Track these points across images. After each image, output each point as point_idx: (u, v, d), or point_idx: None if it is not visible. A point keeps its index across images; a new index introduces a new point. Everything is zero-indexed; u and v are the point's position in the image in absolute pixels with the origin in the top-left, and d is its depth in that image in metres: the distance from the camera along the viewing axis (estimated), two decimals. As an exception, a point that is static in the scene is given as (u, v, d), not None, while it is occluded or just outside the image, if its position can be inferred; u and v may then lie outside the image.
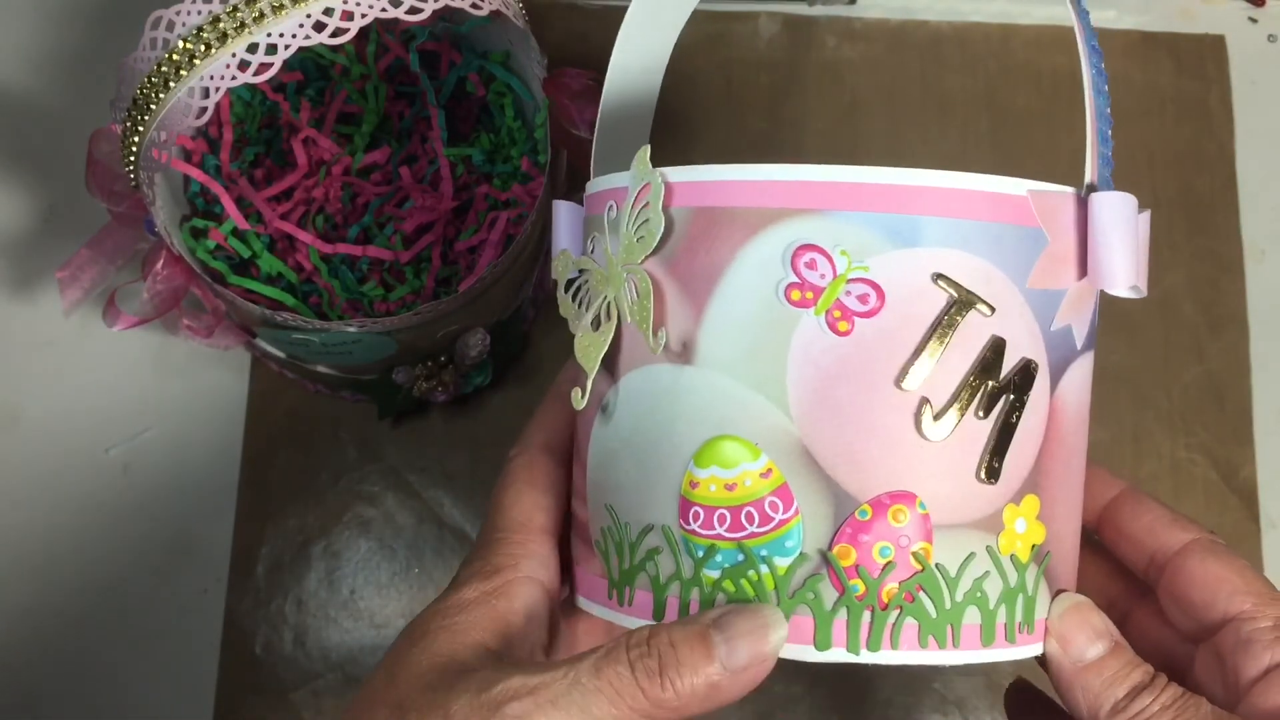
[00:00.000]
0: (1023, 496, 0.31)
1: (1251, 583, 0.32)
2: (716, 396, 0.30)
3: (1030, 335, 0.30)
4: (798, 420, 0.30)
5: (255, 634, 0.53)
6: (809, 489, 0.30)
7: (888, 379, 0.29)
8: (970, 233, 0.29)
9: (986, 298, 0.30)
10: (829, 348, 0.29)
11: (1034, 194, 0.30)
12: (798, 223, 0.29)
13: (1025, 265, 0.30)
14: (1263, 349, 0.57)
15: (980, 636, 0.30)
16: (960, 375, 0.30)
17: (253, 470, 0.55)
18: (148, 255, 0.47)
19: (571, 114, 0.49)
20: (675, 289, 0.31)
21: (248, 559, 0.54)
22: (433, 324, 0.48)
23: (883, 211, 0.29)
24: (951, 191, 0.29)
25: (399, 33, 0.54)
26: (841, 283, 0.29)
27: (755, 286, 0.30)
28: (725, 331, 0.30)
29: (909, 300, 0.29)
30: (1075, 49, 0.61)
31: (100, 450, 0.55)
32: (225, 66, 0.41)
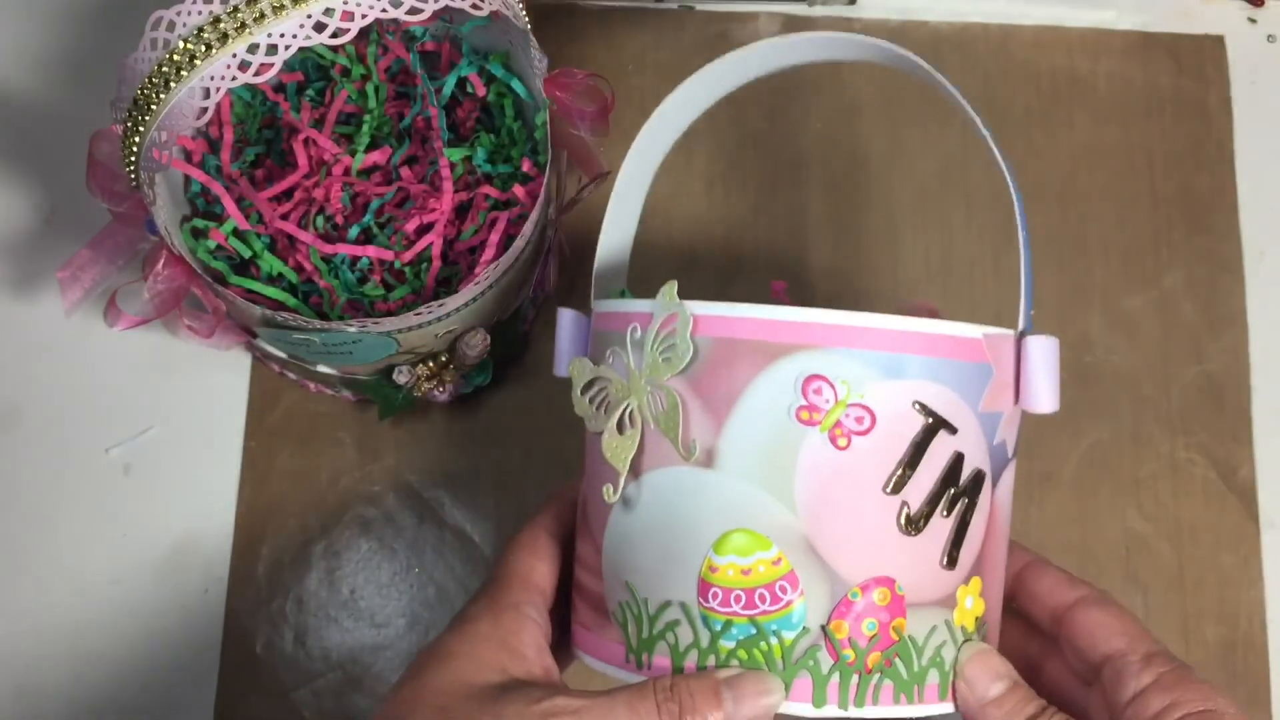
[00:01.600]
0: (970, 578, 0.37)
1: (1128, 626, 0.38)
2: (735, 496, 0.36)
3: (980, 449, 0.37)
4: (803, 518, 0.36)
5: (256, 633, 0.53)
6: (811, 574, 0.36)
7: (877, 486, 0.36)
8: (942, 368, 0.36)
9: (952, 420, 0.36)
10: (830, 460, 0.35)
11: (987, 337, 0.37)
12: (807, 356, 0.35)
13: (979, 393, 0.37)
14: (1262, 349, 0.58)
15: (938, 692, 0.37)
16: (931, 483, 0.36)
17: (253, 470, 0.55)
18: (148, 255, 0.47)
19: (572, 114, 0.49)
20: (698, 404, 0.36)
21: (248, 558, 0.54)
22: (433, 324, 0.48)
23: (876, 350, 0.36)
24: (930, 336, 0.36)
25: (399, 33, 0.54)
26: (842, 406, 0.35)
27: (770, 407, 0.36)
28: (743, 443, 0.36)
29: (895, 421, 0.36)
30: (1074, 49, 0.61)
31: (101, 450, 0.55)
32: (226, 67, 0.41)
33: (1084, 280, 0.58)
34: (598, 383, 0.39)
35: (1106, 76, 0.61)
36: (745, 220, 0.58)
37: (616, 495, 0.38)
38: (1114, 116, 0.60)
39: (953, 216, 0.59)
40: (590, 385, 0.39)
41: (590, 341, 0.41)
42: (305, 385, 0.55)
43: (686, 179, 0.59)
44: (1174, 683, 0.36)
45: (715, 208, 0.59)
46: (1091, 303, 0.58)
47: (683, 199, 0.58)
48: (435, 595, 0.54)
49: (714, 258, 0.58)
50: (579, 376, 0.40)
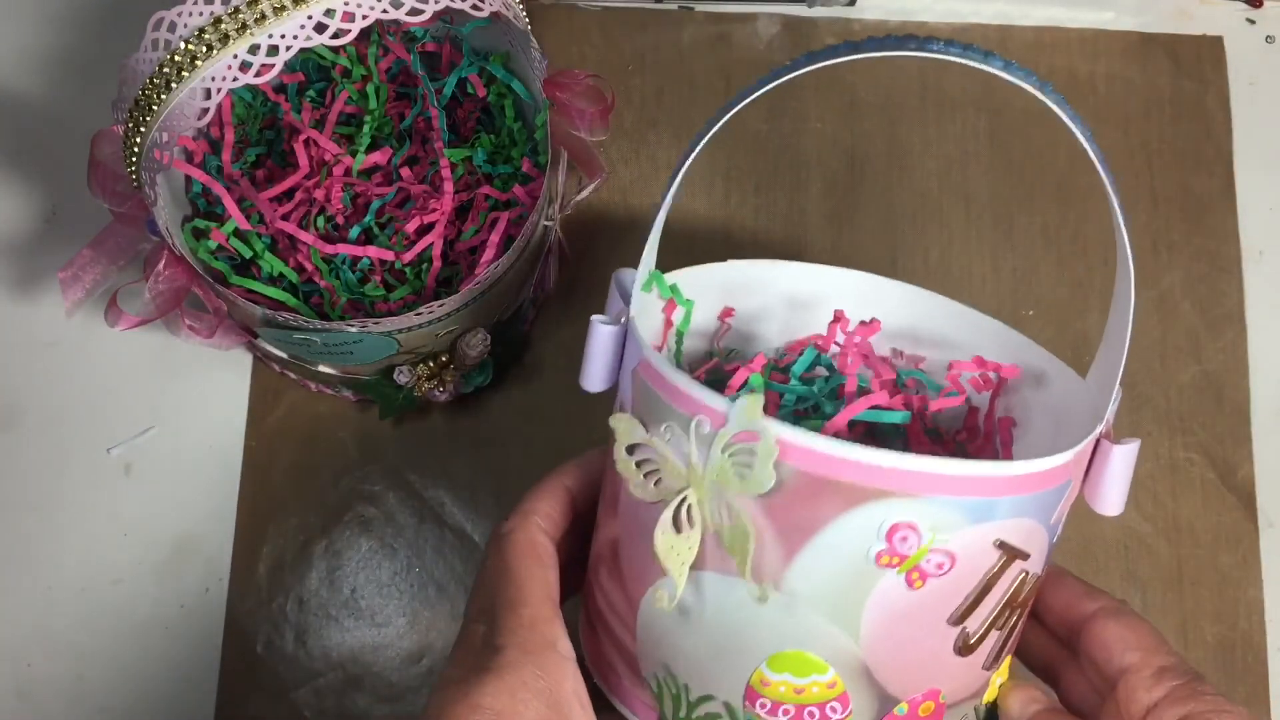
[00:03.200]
0: (1001, 664, 0.38)
1: (1143, 639, 0.38)
2: (798, 622, 0.35)
3: (1044, 556, 0.37)
4: (864, 647, 0.35)
5: (257, 633, 0.53)
6: (862, 694, 0.36)
7: (943, 619, 0.35)
8: (1029, 503, 0.35)
9: (1028, 548, 0.35)
10: (901, 599, 0.34)
11: (1076, 457, 0.36)
12: (895, 503, 0.33)
13: (1053, 509, 0.36)
14: (1261, 348, 0.58)
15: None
16: (995, 607, 0.36)
17: (254, 470, 0.55)
18: (149, 256, 0.47)
19: (572, 115, 0.50)
20: (770, 530, 0.34)
21: (249, 558, 0.54)
22: (433, 324, 0.48)
23: (966, 496, 0.34)
24: (1021, 478, 0.34)
25: (400, 34, 0.54)
26: (925, 551, 0.34)
27: (848, 547, 0.34)
28: (814, 576, 0.34)
29: (974, 560, 0.35)
30: (1074, 49, 0.61)
31: (101, 450, 0.55)
32: (227, 67, 0.41)
33: (1084, 280, 0.58)
34: (647, 450, 0.36)
35: (1106, 77, 0.61)
36: (745, 220, 0.58)
37: (673, 604, 0.36)
38: (1113, 117, 0.60)
39: (953, 217, 0.59)
40: (637, 448, 0.36)
41: (635, 389, 0.38)
42: (306, 385, 0.55)
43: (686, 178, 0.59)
44: (1186, 695, 0.36)
45: (715, 207, 0.59)
46: (1091, 303, 0.58)
47: (683, 198, 0.58)
48: (435, 595, 0.54)
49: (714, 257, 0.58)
50: (624, 434, 0.37)
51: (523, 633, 0.35)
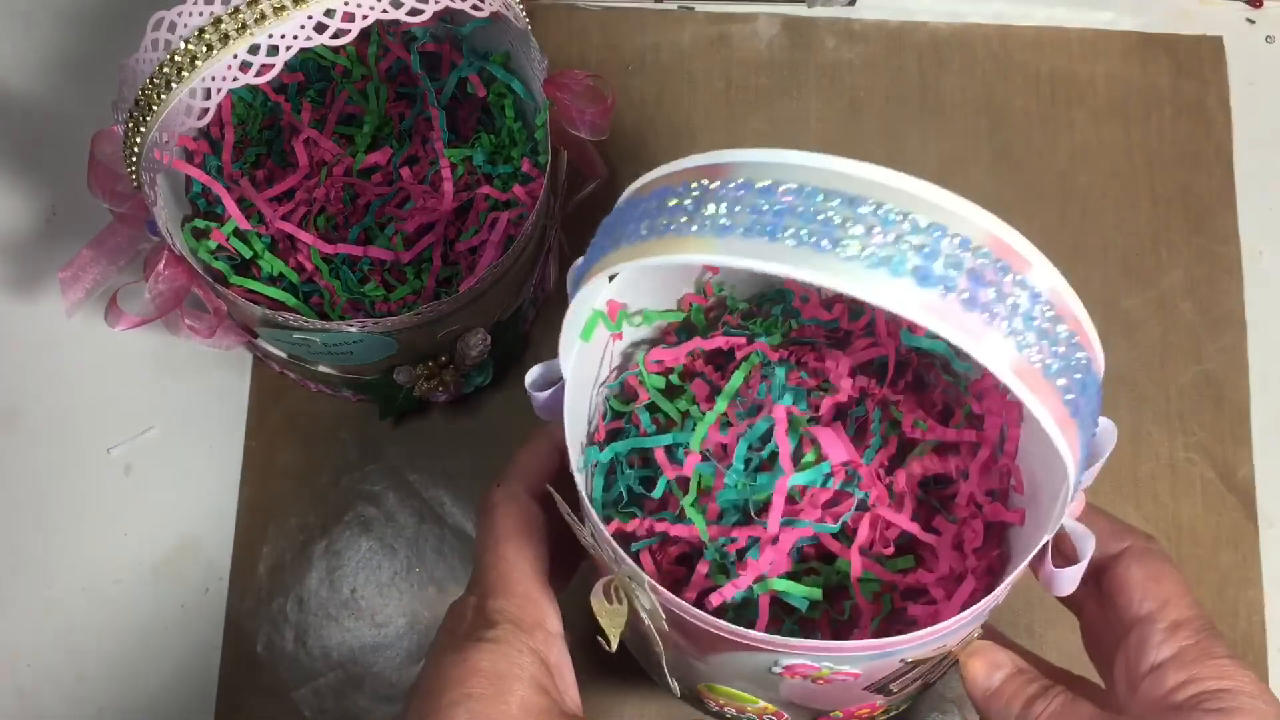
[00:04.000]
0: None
1: (1162, 588, 0.36)
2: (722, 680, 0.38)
3: (973, 628, 0.37)
4: (785, 701, 0.39)
5: (256, 633, 0.53)
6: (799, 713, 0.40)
7: (861, 688, 0.37)
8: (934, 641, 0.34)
9: (945, 647, 0.35)
10: (817, 689, 0.36)
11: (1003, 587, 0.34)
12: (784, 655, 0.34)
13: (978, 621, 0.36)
14: (1261, 349, 0.58)
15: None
16: (920, 675, 0.37)
17: (254, 470, 0.55)
18: (149, 256, 0.47)
19: (572, 115, 0.50)
20: (677, 634, 0.36)
21: (249, 558, 0.54)
22: (433, 324, 0.48)
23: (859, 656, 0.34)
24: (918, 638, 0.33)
25: (400, 34, 0.54)
26: (826, 673, 0.34)
27: (751, 668, 0.35)
28: (727, 670, 0.37)
29: (880, 670, 0.35)
30: (1073, 50, 0.61)
31: (101, 450, 0.55)
32: (227, 68, 0.41)
33: (1083, 280, 0.57)
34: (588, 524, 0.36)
35: (1106, 77, 0.61)
36: (745, 220, 0.58)
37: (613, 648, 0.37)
38: (1113, 117, 0.60)
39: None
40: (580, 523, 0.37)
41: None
42: (306, 385, 0.55)
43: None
44: (1193, 658, 0.34)
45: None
46: (1090, 303, 0.57)
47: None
48: (435, 595, 0.54)
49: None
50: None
51: (514, 611, 0.36)
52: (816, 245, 0.27)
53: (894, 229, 0.27)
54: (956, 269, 0.27)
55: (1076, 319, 0.30)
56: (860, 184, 0.28)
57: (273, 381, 0.56)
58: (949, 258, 0.27)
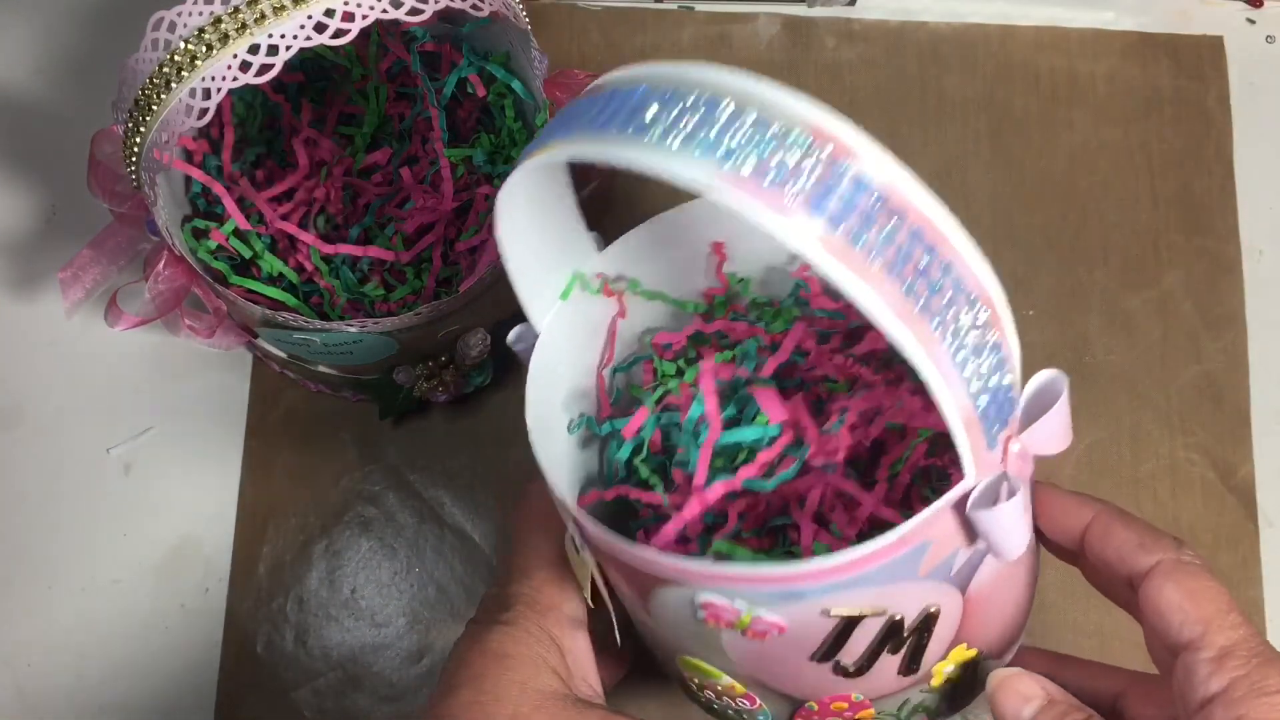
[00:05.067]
0: (949, 652, 0.36)
1: (1204, 608, 0.33)
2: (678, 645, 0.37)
3: (930, 592, 0.33)
4: (742, 672, 0.36)
5: (256, 633, 0.53)
6: (767, 695, 0.37)
7: (805, 657, 0.34)
8: (853, 582, 0.31)
9: (875, 610, 0.32)
10: (752, 644, 0.34)
11: (913, 532, 0.30)
12: (699, 589, 0.32)
13: (913, 568, 0.32)
14: (1261, 348, 0.58)
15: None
16: (865, 648, 0.34)
17: (254, 470, 0.55)
18: (149, 256, 0.47)
19: (572, 115, 0.49)
20: (618, 574, 0.35)
21: (249, 558, 0.54)
22: (433, 324, 0.48)
23: (771, 587, 0.31)
24: (827, 570, 0.31)
25: (400, 34, 0.54)
26: (747, 620, 0.32)
27: (679, 610, 0.34)
28: (668, 621, 0.35)
29: (806, 626, 0.33)
30: (1074, 49, 0.61)
31: (101, 450, 0.55)
32: (226, 67, 0.41)
33: (1083, 280, 0.58)
34: None
35: (1106, 77, 0.61)
36: (745, 220, 0.58)
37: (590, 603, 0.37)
38: (1113, 117, 0.60)
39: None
40: None
41: None
42: (306, 385, 0.55)
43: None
44: (1243, 694, 0.31)
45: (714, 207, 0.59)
46: (1091, 303, 0.58)
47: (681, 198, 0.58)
48: (435, 595, 0.54)
49: (714, 258, 0.58)
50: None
51: (530, 595, 0.37)
52: (636, 134, 0.27)
53: (712, 117, 0.27)
54: (769, 153, 0.26)
55: (928, 221, 0.28)
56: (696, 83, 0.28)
57: (273, 381, 0.56)
58: (764, 142, 0.27)
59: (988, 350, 0.29)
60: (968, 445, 0.29)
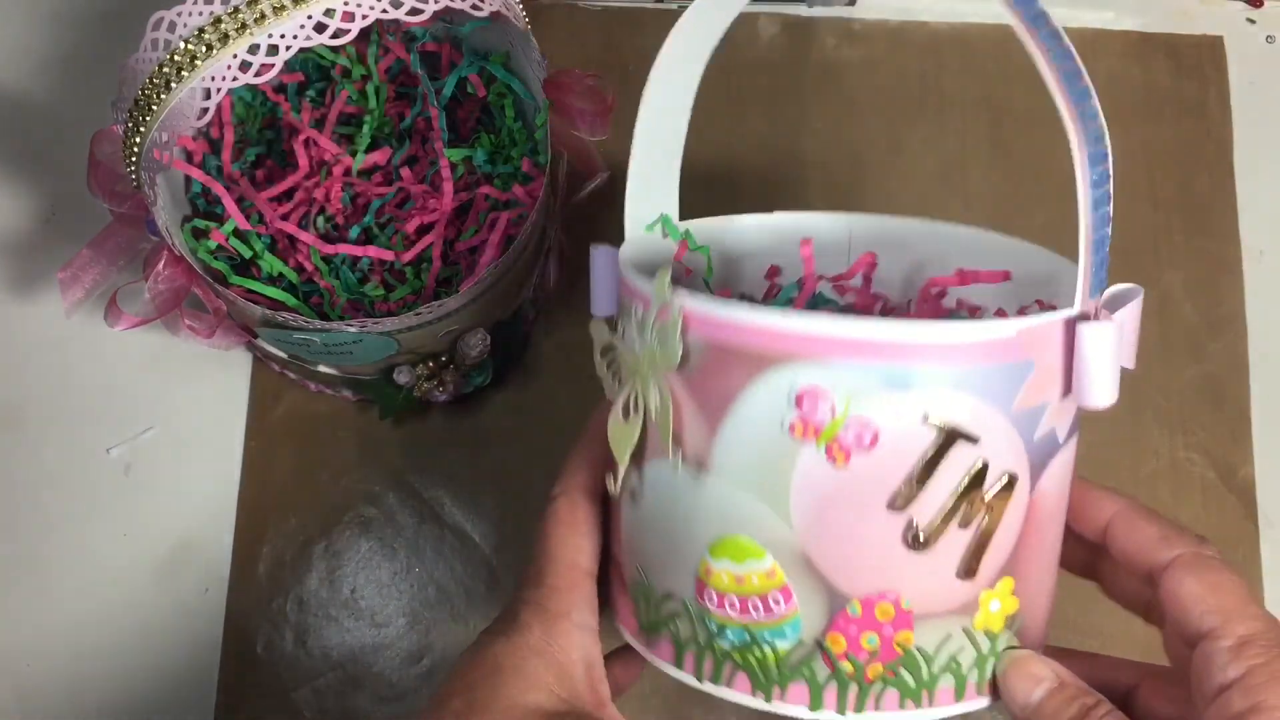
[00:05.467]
0: (998, 580, 0.34)
1: (1225, 599, 0.33)
2: (729, 503, 0.34)
3: (1013, 450, 0.33)
4: (799, 532, 0.33)
5: (256, 633, 0.53)
6: (807, 587, 0.34)
7: (879, 504, 0.33)
8: (960, 376, 0.32)
9: (972, 431, 0.32)
10: (827, 477, 0.32)
11: (1023, 332, 0.32)
12: (802, 367, 0.32)
13: (1011, 392, 0.32)
14: (1261, 349, 0.58)
15: (954, 695, 0.35)
16: (944, 497, 0.33)
17: (254, 470, 0.55)
18: (149, 256, 0.47)
19: (572, 115, 0.50)
20: (692, 406, 0.34)
21: (249, 558, 0.54)
22: (433, 324, 0.48)
23: (879, 361, 0.31)
24: (943, 346, 0.32)
25: (400, 34, 0.54)
26: (840, 422, 0.32)
27: (763, 418, 0.33)
28: (737, 451, 0.33)
29: (901, 438, 0.32)
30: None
31: (101, 450, 0.55)
32: (226, 67, 0.41)
33: (1083, 280, 0.58)
34: (612, 351, 0.37)
35: (1106, 77, 0.61)
36: (745, 220, 0.58)
37: (616, 488, 0.37)
38: (1114, 117, 0.60)
39: (953, 217, 0.59)
40: (608, 350, 0.37)
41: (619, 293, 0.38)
42: (306, 385, 0.55)
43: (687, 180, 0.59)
44: (1262, 681, 0.32)
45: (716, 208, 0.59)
46: (1091, 303, 0.58)
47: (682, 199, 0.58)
48: (435, 595, 0.54)
49: (714, 258, 0.58)
50: (597, 339, 0.37)
51: (539, 603, 0.37)
52: None
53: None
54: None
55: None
56: None
57: (273, 381, 0.56)
58: None
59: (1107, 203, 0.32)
60: (1087, 264, 0.32)
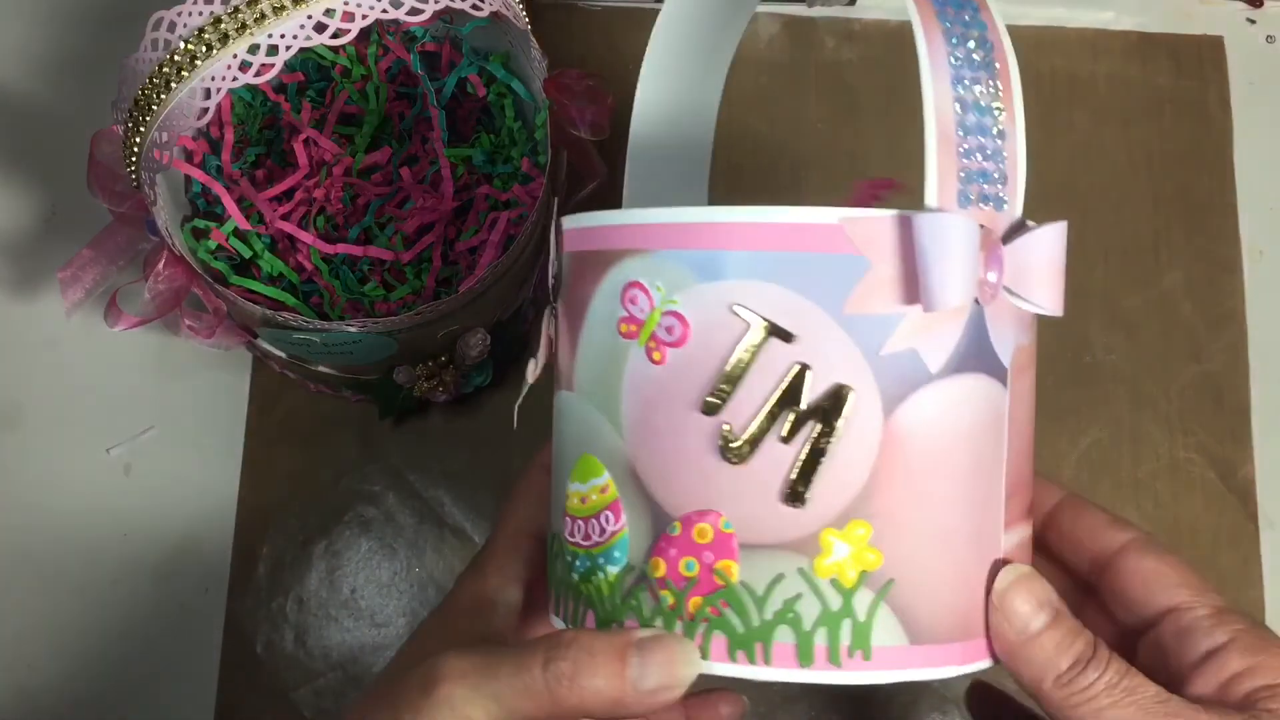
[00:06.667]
0: (846, 522, 0.30)
1: (1187, 576, 0.33)
2: (582, 419, 0.34)
3: (848, 361, 0.30)
4: (628, 441, 0.32)
5: (256, 633, 0.53)
6: (635, 505, 0.32)
7: (693, 406, 0.31)
8: (772, 264, 0.30)
9: (787, 326, 0.30)
10: (648, 377, 0.32)
11: (849, 222, 0.30)
12: (630, 262, 0.32)
13: (840, 292, 0.30)
14: (1261, 349, 0.58)
15: (796, 656, 0.31)
16: (759, 402, 0.31)
17: (254, 470, 0.55)
18: (149, 256, 0.47)
19: (572, 115, 0.50)
20: (565, 324, 0.35)
21: (248, 558, 0.54)
22: (433, 324, 0.48)
23: (691, 248, 0.31)
24: (754, 226, 0.30)
25: (400, 34, 0.54)
26: (657, 315, 0.31)
27: (603, 321, 0.33)
28: (586, 362, 0.34)
29: (709, 330, 0.31)
30: (1074, 50, 0.61)
31: (101, 450, 0.55)
32: (226, 67, 0.41)
33: (1083, 280, 0.58)
34: None
35: (1106, 77, 0.61)
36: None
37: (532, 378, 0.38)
38: (1114, 117, 0.60)
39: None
40: None
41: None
42: (305, 385, 0.55)
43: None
44: (1256, 645, 0.31)
45: (715, 208, 0.59)
46: (1091, 303, 0.58)
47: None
48: (435, 595, 0.54)
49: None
50: None
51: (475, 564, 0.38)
52: None
53: None
54: None
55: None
56: None
57: (273, 381, 0.56)
58: None
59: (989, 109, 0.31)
60: (935, 164, 0.30)
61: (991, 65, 0.32)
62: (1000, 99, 0.31)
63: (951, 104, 0.30)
